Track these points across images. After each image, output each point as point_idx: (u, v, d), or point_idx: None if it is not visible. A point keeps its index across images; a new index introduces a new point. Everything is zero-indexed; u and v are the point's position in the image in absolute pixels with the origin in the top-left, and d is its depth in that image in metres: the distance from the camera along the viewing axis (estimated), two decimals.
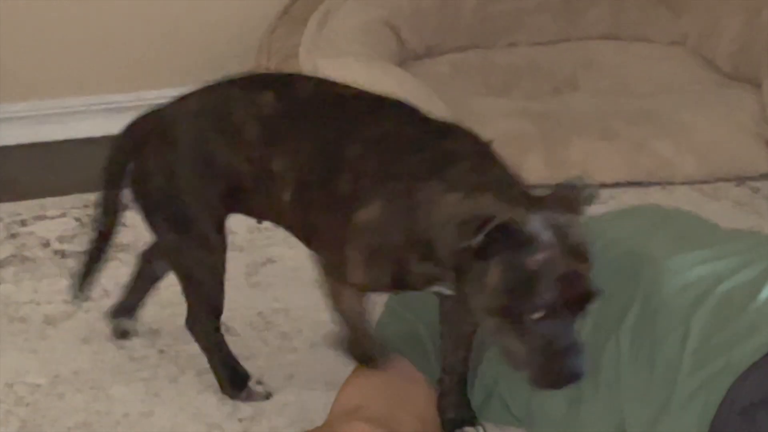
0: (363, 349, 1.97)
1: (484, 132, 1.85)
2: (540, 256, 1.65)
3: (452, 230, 1.70)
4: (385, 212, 1.78)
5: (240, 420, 2.12)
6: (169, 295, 2.32)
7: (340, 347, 1.98)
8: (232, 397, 2.15)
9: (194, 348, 2.22)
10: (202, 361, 2.19)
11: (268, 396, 2.15)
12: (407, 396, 1.98)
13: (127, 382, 2.21)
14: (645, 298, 1.89)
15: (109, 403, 2.16)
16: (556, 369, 1.70)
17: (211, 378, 2.17)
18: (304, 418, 2.05)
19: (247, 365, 2.18)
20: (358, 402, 1.98)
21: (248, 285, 2.42)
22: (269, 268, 2.46)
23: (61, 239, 2.64)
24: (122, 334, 2.31)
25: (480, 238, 1.64)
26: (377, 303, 2.04)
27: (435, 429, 2.00)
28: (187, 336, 2.24)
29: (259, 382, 2.16)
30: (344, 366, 2.06)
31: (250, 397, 2.15)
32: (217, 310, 2.11)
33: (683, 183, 2.87)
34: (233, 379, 2.15)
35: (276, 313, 2.38)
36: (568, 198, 1.73)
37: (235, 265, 2.17)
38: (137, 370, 2.24)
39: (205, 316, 2.12)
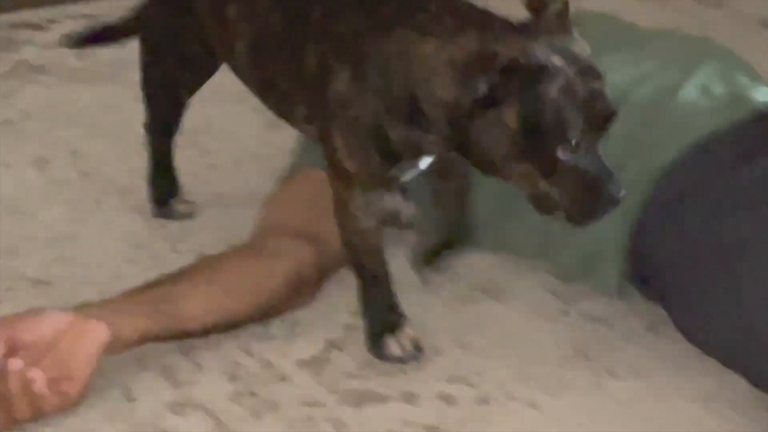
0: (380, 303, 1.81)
1: None
2: (556, 84, 1.54)
3: (446, 82, 1.58)
4: (355, 78, 1.65)
5: (165, 238, 2.11)
6: (88, 116, 2.29)
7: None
8: (154, 211, 2.13)
9: (115, 169, 2.21)
10: (125, 181, 2.18)
11: (190, 214, 2.14)
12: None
13: (50, 205, 2.18)
14: None
15: (33, 227, 2.14)
16: (593, 200, 1.60)
17: (135, 198, 2.15)
18: (232, 234, 2.03)
19: None
20: (284, 216, 1.97)
21: None
22: None
23: None
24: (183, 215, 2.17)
25: (489, 82, 1.52)
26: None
27: None
28: (110, 157, 2.23)
29: (184, 201, 2.14)
30: (268, 181, 2.06)
31: (172, 214, 2.13)
32: (169, 128, 2.07)
33: None
34: (158, 192, 2.13)
35: (199, 131, 2.35)
36: (552, 19, 1.60)
37: None
38: (59, 192, 2.22)
39: (158, 129, 2.08)
